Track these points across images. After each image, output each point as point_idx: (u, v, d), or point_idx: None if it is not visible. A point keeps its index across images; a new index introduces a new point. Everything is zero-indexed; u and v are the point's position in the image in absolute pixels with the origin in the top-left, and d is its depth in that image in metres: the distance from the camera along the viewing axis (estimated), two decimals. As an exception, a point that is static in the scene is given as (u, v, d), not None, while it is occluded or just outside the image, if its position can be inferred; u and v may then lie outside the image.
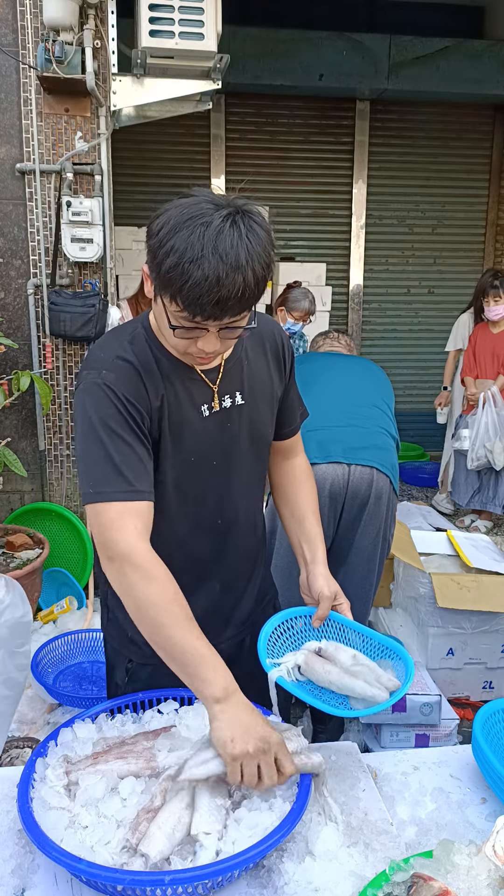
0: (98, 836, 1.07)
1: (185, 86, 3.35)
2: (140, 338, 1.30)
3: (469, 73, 5.49)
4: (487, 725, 1.34)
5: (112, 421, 1.21)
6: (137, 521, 1.18)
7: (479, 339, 4.81)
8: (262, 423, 1.43)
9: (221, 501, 1.39)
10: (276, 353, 1.45)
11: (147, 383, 1.26)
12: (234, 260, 1.08)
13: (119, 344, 1.29)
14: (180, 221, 1.09)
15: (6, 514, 3.74)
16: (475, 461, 4.69)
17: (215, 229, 1.08)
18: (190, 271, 1.07)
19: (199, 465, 1.34)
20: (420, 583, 2.92)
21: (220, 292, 1.08)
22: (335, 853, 1.09)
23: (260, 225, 1.14)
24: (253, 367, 1.40)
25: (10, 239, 3.47)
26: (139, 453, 1.22)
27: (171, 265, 1.08)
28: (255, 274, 1.11)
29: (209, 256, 1.07)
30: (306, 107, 6.00)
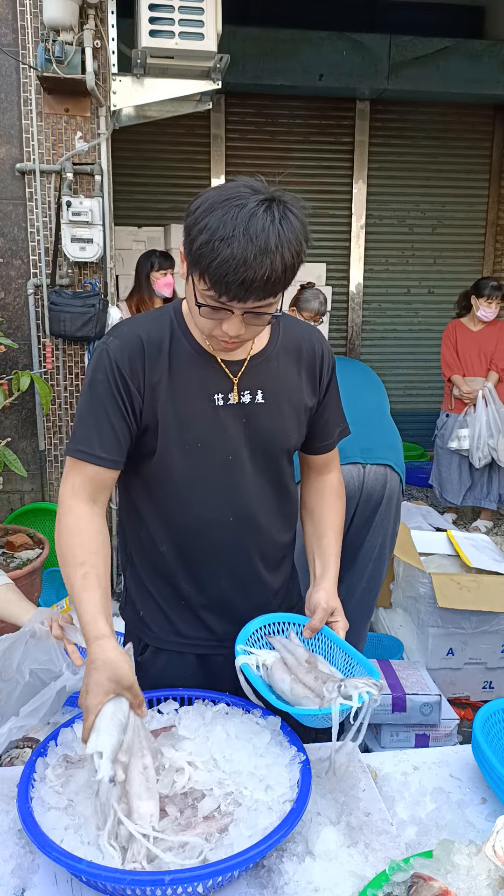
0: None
1: (185, 86, 3.35)
2: (165, 317, 1.33)
3: (469, 73, 5.49)
4: (487, 725, 1.34)
5: (99, 385, 1.28)
6: (78, 478, 1.28)
7: (460, 337, 4.85)
8: (284, 428, 1.39)
9: (233, 497, 1.37)
10: (312, 364, 1.42)
11: (148, 359, 1.28)
12: (263, 243, 1.09)
13: (142, 319, 1.35)
14: (217, 201, 1.12)
15: (6, 514, 3.74)
16: (481, 460, 4.71)
17: (249, 211, 1.10)
18: (219, 249, 1.09)
19: (209, 454, 1.33)
20: (420, 583, 2.92)
21: (247, 273, 1.09)
22: (335, 853, 1.09)
23: (295, 215, 1.15)
24: (281, 371, 1.38)
25: (10, 239, 3.47)
26: (113, 422, 1.27)
27: (203, 242, 1.10)
28: (284, 260, 1.12)
29: (240, 237, 1.08)
30: (306, 107, 6.00)
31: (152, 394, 1.29)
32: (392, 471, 2.43)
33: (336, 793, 1.25)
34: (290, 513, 1.49)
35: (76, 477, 1.29)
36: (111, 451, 1.28)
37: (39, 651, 1.41)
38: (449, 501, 5.03)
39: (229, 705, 1.32)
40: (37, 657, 1.40)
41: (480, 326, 4.80)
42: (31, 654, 1.41)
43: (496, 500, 4.88)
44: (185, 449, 1.32)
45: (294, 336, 1.41)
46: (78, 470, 1.29)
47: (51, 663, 1.40)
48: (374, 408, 2.57)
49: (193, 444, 1.32)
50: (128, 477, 1.38)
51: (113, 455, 1.28)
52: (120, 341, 1.29)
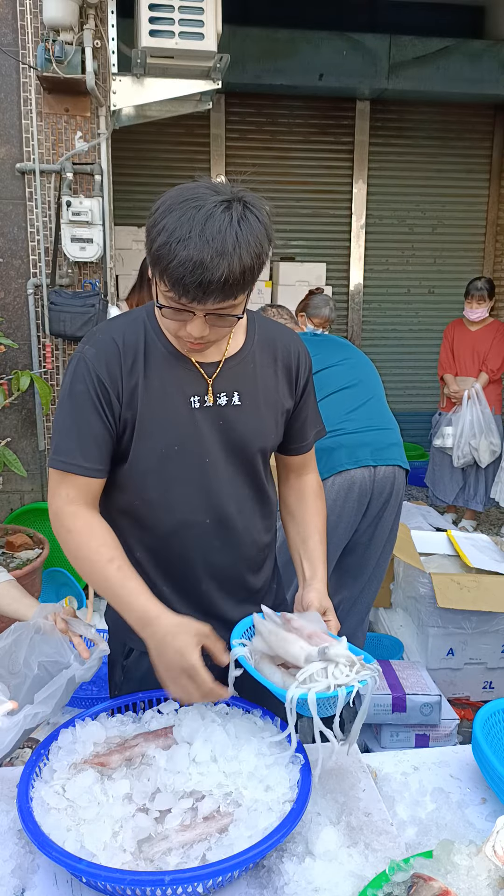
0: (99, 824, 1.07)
1: (185, 86, 3.35)
2: (139, 320, 1.33)
3: (469, 73, 5.49)
4: (487, 725, 1.34)
5: (79, 395, 1.27)
6: (70, 489, 1.29)
7: (457, 336, 4.88)
8: (261, 430, 1.38)
9: (210, 499, 1.35)
10: (288, 366, 1.41)
11: (124, 364, 1.28)
12: (219, 245, 1.08)
13: (116, 323, 1.34)
14: (175, 202, 1.12)
15: (6, 514, 3.74)
16: (461, 459, 4.74)
17: (206, 212, 1.09)
18: (176, 251, 1.09)
19: (184, 456, 1.32)
20: (420, 583, 2.92)
21: (204, 275, 1.09)
22: (335, 853, 1.09)
23: (256, 216, 1.13)
24: (258, 373, 1.37)
25: (10, 239, 3.47)
26: (95, 430, 1.27)
27: (161, 243, 1.10)
28: (242, 262, 1.10)
29: (196, 238, 1.08)
30: (306, 107, 6.00)
31: (130, 398, 1.28)
32: (399, 469, 2.53)
33: (336, 793, 1.25)
34: (268, 513, 1.48)
35: (67, 488, 1.29)
36: (96, 461, 1.28)
37: (46, 645, 1.42)
38: (440, 500, 5.05)
39: (229, 705, 1.32)
40: (44, 650, 1.42)
41: (478, 327, 4.82)
42: (37, 647, 1.42)
43: (483, 502, 4.91)
44: (162, 452, 1.31)
45: (270, 337, 1.40)
46: (67, 481, 1.29)
47: (58, 655, 1.41)
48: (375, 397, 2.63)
49: (170, 447, 1.31)
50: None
51: (97, 465, 1.29)
52: (96, 349, 1.28)
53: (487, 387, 4.76)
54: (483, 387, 4.73)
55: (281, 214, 6.13)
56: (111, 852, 1.04)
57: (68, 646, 1.41)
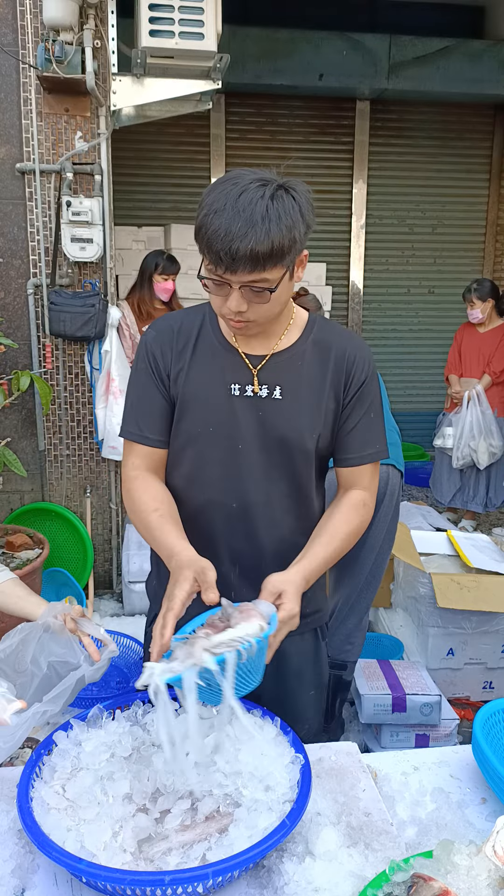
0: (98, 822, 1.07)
1: (185, 86, 3.35)
2: (202, 310, 1.44)
3: (469, 73, 5.49)
4: (487, 725, 1.34)
5: (140, 372, 1.43)
6: (136, 458, 1.43)
7: (466, 337, 4.89)
8: (298, 426, 1.38)
9: (238, 484, 1.40)
10: (340, 369, 1.40)
11: (176, 346, 1.40)
12: (249, 215, 1.16)
13: (181, 312, 1.48)
14: (219, 182, 1.22)
15: (6, 514, 3.74)
16: (460, 460, 4.75)
17: (240, 188, 1.18)
18: (211, 222, 1.18)
19: (219, 439, 1.39)
20: (420, 583, 2.92)
21: (232, 243, 1.16)
22: (335, 853, 1.09)
23: (292, 196, 1.22)
24: (305, 371, 1.39)
25: (10, 239, 3.47)
26: (155, 402, 1.41)
27: (201, 217, 1.20)
28: (270, 235, 1.17)
29: (228, 210, 1.16)
30: (306, 107, 6.00)
31: (177, 378, 1.40)
32: (394, 469, 2.49)
33: (336, 793, 1.25)
34: (307, 516, 1.47)
35: (133, 456, 1.44)
36: (156, 433, 1.42)
37: (56, 644, 1.43)
38: (438, 501, 5.05)
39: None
40: (53, 650, 1.43)
41: (486, 329, 4.80)
42: (46, 647, 1.44)
43: (482, 504, 4.91)
44: (197, 431, 1.39)
45: (327, 339, 1.42)
46: (132, 450, 1.44)
47: (68, 656, 1.42)
48: None
49: (205, 428, 1.39)
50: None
51: (157, 434, 1.42)
52: (156, 331, 1.43)
53: (490, 389, 4.76)
54: (486, 389, 4.73)
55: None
56: (111, 852, 1.04)
57: (78, 646, 1.43)
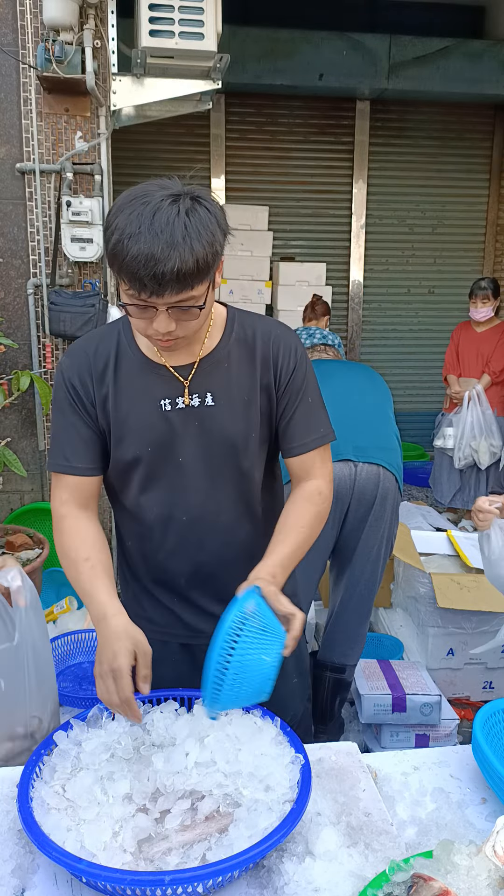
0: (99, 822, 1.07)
1: (185, 86, 3.35)
2: (114, 330, 1.38)
3: (469, 73, 5.49)
4: (487, 725, 1.34)
5: (61, 402, 1.37)
6: (65, 492, 1.39)
7: (463, 337, 4.88)
8: (237, 429, 1.37)
9: (186, 498, 1.39)
10: (266, 357, 1.38)
11: (94, 372, 1.35)
12: (168, 236, 1.11)
13: (94, 334, 1.42)
14: (125, 202, 1.16)
15: (6, 514, 3.74)
16: (461, 460, 4.74)
17: (153, 207, 1.12)
18: (128, 247, 1.12)
19: (159, 458, 1.36)
20: (420, 583, 2.92)
21: (156, 267, 1.11)
22: (335, 853, 1.09)
23: (206, 207, 1.16)
24: (233, 370, 1.37)
25: (10, 239, 3.47)
26: (80, 431, 1.36)
27: (114, 242, 1.13)
28: (194, 252, 1.12)
29: (145, 233, 1.11)
30: (306, 107, 6.00)
31: (103, 405, 1.35)
32: (386, 471, 2.39)
33: (336, 793, 1.25)
34: (264, 516, 1.47)
35: (62, 490, 1.39)
36: (83, 460, 1.37)
37: None
38: (438, 501, 5.05)
39: None
40: None
41: (484, 328, 4.81)
42: None
43: None
44: (135, 455, 1.36)
45: (249, 332, 1.39)
46: (62, 483, 1.39)
47: None
48: (372, 409, 2.55)
49: (143, 450, 1.36)
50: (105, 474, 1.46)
51: (86, 462, 1.37)
52: (70, 360, 1.37)
53: (490, 388, 4.76)
54: (485, 388, 4.73)
55: (281, 214, 6.13)
56: (111, 852, 1.04)
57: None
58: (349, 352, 6.49)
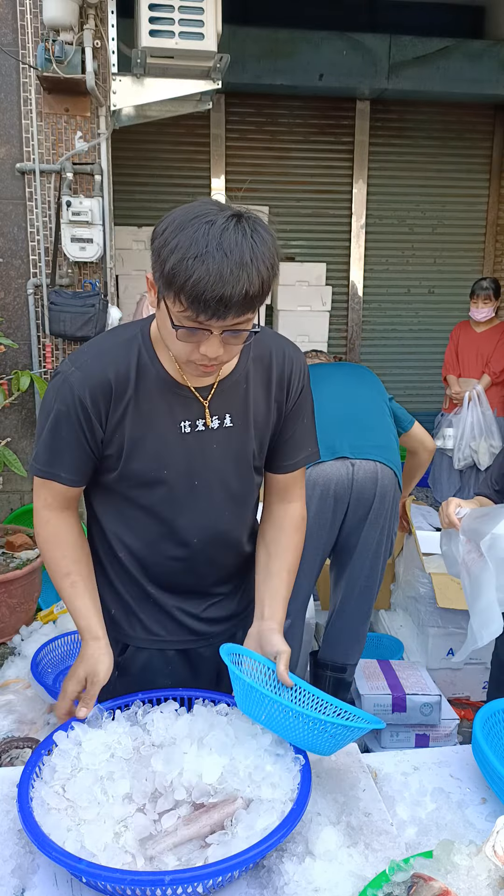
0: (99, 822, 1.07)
1: (185, 86, 3.35)
2: (133, 344, 1.30)
3: (469, 73, 5.49)
4: (487, 725, 1.34)
5: (61, 415, 1.29)
6: (48, 495, 1.36)
7: (463, 337, 4.89)
8: (251, 450, 1.38)
9: (199, 521, 1.38)
10: (282, 374, 1.38)
11: (114, 395, 1.27)
12: (238, 257, 1.07)
13: (108, 348, 1.31)
14: (185, 220, 1.10)
15: (6, 514, 3.74)
16: (461, 461, 4.75)
17: (220, 227, 1.08)
18: (194, 267, 1.06)
19: (176, 479, 1.33)
20: (420, 583, 2.93)
21: (224, 289, 1.07)
22: (335, 853, 1.09)
23: (264, 229, 1.14)
24: (251, 393, 1.36)
25: (10, 239, 3.47)
26: (74, 449, 1.31)
27: (175, 262, 1.07)
28: (260, 274, 1.10)
29: (214, 252, 1.06)
30: (306, 107, 5.99)
31: (116, 425, 1.29)
32: (384, 467, 2.39)
33: (336, 793, 1.25)
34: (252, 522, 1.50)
35: (46, 493, 1.36)
36: (73, 473, 1.34)
37: None
38: (438, 501, 5.05)
39: (230, 706, 1.32)
40: None
41: (483, 328, 4.82)
42: None
43: None
44: (151, 476, 1.33)
45: (265, 352, 1.38)
46: (46, 487, 1.36)
47: None
48: (367, 408, 2.55)
49: (159, 471, 1.32)
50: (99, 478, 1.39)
51: (74, 475, 1.34)
52: (84, 375, 1.27)
53: (490, 389, 4.76)
54: (485, 389, 4.73)
55: (281, 214, 6.12)
56: (111, 852, 1.04)
57: None
58: (349, 352, 6.49)
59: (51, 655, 2.63)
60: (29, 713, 2.48)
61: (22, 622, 3.05)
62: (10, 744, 2.22)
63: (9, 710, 2.47)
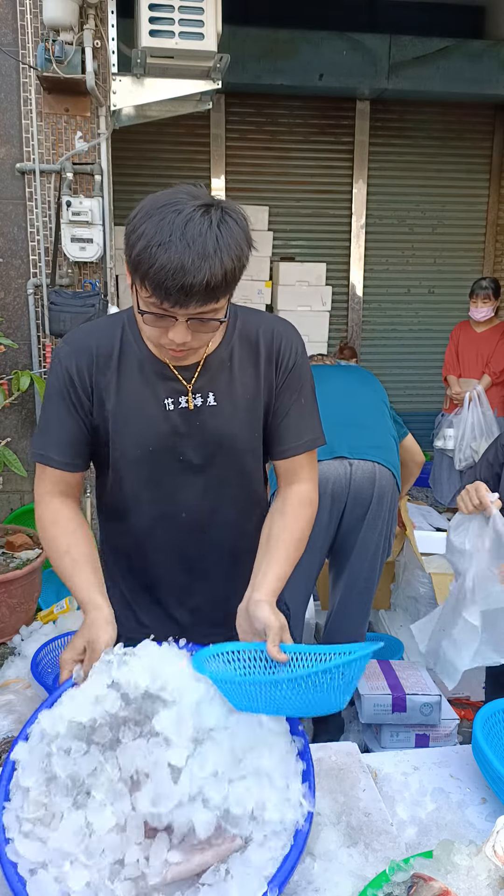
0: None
1: (185, 86, 3.35)
2: (118, 324, 1.35)
3: (469, 73, 5.49)
4: (487, 725, 1.34)
5: (53, 390, 1.34)
6: (47, 482, 1.38)
7: (463, 338, 4.88)
8: (237, 430, 1.38)
9: (184, 497, 1.39)
10: (270, 352, 1.37)
11: (97, 366, 1.32)
12: (201, 247, 1.08)
13: (95, 326, 1.39)
14: (154, 208, 1.13)
15: (6, 514, 3.74)
16: (462, 461, 4.74)
17: (185, 216, 1.09)
18: (157, 255, 1.08)
19: (160, 456, 1.36)
20: (420, 583, 2.93)
21: (185, 278, 1.08)
22: (335, 853, 1.09)
23: (235, 220, 1.14)
24: (236, 372, 1.36)
25: (10, 239, 3.47)
26: (68, 425, 1.34)
27: (141, 248, 1.10)
28: (224, 265, 1.11)
29: (176, 242, 1.08)
30: (306, 107, 6.00)
31: (101, 399, 1.33)
32: (382, 467, 2.39)
33: (336, 793, 1.25)
34: (257, 509, 1.50)
35: (46, 480, 1.38)
36: (67, 456, 1.35)
37: None
38: (438, 502, 5.05)
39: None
40: None
41: (484, 328, 4.81)
42: None
43: None
44: (137, 453, 1.35)
45: (252, 328, 1.37)
46: (45, 473, 1.38)
47: None
48: (367, 409, 2.56)
49: (144, 448, 1.35)
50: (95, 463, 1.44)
51: (68, 458, 1.35)
52: (70, 348, 1.34)
53: (490, 389, 4.76)
54: (486, 389, 4.73)
55: (281, 214, 6.13)
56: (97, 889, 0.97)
57: None
58: (349, 352, 6.49)
59: (51, 655, 2.62)
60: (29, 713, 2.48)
61: (22, 622, 3.05)
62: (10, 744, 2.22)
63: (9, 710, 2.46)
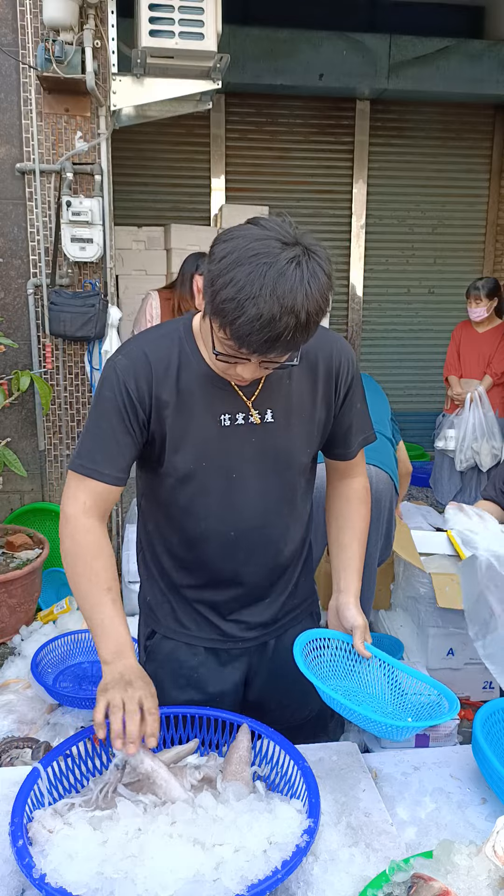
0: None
1: (185, 86, 3.35)
2: (174, 336, 1.33)
3: (469, 73, 5.49)
4: (487, 725, 1.34)
5: (107, 402, 1.29)
6: (87, 496, 1.31)
7: (464, 338, 4.87)
8: (292, 445, 1.39)
9: (235, 514, 1.38)
10: (329, 372, 1.39)
11: (155, 380, 1.29)
12: (290, 303, 1.07)
13: (151, 337, 1.35)
14: (244, 256, 1.09)
15: (6, 514, 3.74)
16: (463, 462, 4.74)
17: (278, 271, 1.07)
18: (245, 308, 1.07)
19: (213, 472, 1.34)
20: (420, 583, 2.92)
21: (271, 332, 1.09)
22: (335, 853, 1.09)
23: (323, 269, 1.12)
24: (294, 388, 1.37)
25: (10, 239, 3.47)
26: (119, 439, 1.30)
27: (228, 297, 1.08)
28: (309, 316, 1.10)
29: (266, 296, 1.06)
30: (306, 107, 6.00)
31: (158, 413, 1.31)
32: (379, 470, 2.40)
33: (336, 793, 1.25)
34: (301, 521, 1.50)
35: (85, 494, 1.31)
36: (113, 468, 1.31)
37: None
38: (438, 501, 5.05)
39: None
40: None
41: (485, 329, 4.79)
42: None
43: None
44: (190, 468, 1.34)
45: (311, 346, 1.37)
46: (84, 486, 1.31)
47: None
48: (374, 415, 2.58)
49: (198, 463, 1.34)
50: (143, 467, 1.42)
51: (115, 471, 1.31)
52: (127, 360, 1.30)
53: (491, 390, 4.75)
54: (487, 390, 4.72)
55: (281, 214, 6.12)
56: None
57: None
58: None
59: (51, 655, 2.63)
60: (29, 713, 2.49)
61: (22, 622, 3.05)
62: (10, 744, 2.22)
63: (9, 710, 2.47)
